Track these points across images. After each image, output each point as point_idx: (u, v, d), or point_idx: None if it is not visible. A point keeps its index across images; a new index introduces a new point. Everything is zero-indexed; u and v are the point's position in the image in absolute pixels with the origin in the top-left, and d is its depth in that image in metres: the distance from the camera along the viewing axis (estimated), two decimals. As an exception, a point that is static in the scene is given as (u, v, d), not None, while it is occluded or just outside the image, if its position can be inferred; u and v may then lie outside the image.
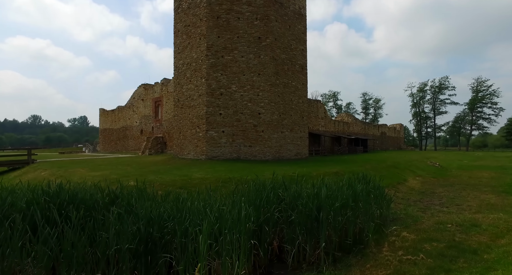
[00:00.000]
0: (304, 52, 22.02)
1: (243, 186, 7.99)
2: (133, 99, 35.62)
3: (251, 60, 19.12)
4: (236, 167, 15.22)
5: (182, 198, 6.71)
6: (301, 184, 8.36)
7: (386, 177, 17.18)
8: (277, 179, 8.97)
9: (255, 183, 8.02)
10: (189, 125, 20.30)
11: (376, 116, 79.61)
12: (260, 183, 7.77)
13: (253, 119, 19.07)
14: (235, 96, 19.05)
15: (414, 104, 75.20)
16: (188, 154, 20.31)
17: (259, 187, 7.37)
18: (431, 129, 75.84)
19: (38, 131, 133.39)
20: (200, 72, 19.53)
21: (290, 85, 20.75)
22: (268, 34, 19.21)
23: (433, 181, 19.10)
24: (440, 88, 72.88)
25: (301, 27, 21.82)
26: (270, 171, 14.21)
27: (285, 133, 20.18)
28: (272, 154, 19.19)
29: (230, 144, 18.96)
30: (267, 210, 6.38)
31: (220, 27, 19.09)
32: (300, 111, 21.54)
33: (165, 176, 12.39)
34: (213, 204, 5.90)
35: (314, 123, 29.97)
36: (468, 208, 11.18)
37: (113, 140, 39.04)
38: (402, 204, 12.26)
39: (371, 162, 21.48)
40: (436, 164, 27.22)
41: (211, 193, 7.53)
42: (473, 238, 7.50)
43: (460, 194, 14.60)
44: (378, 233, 8.21)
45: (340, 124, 35.12)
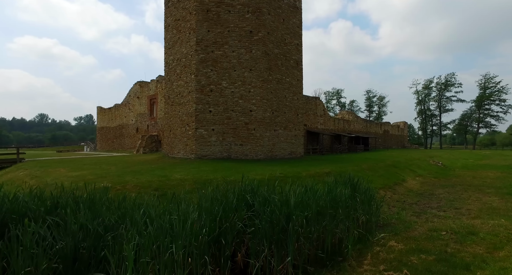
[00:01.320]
0: (299, 47, 21.14)
1: (207, 189, 7.21)
2: (129, 97, 35.08)
3: (242, 55, 18.32)
4: (223, 167, 14.48)
5: (137, 203, 5.96)
6: (279, 186, 7.57)
7: (383, 177, 16.33)
8: (263, 180, 8.18)
9: (221, 186, 7.24)
10: (179, 123, 19.61)
11: (380, 114, 78.20)
12: (229, 187, 6.99)
13: (245, 117, 18.29)
14: (225, 92, 18.28)
15: (419, 102, 73.61)
16: (178, 153, 19.63)
17: (225, 192, 6.60)
18: (437, 127, 74.21)
19: (45, 130, 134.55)
20: (189, 68, 18.79)
21: (284, 81, 19.90)
22: (260, 27, 18.38)
23: (434, 182, 18.16)
24: (446, 85, 71.17)
25: (296, 21, 20.93)
26: (257, 171, 13.47)
27: (278, 131, 19.36)
28: (264, 153, 18.40)
29: (221, 142, 18.22)
30: (229, 218, 5.61)
31: (210, 21, 18.31)
32: (295, 108, 20.69)
33: (143, 176, 11.70)
34: (162, 212, 5.15)
35: (313, 120, 29.07)
36: (467, 213, 10.31)
37: (110, 138, 38.60)
38: (396, 208, 11.45)
39: (370, 161, 20.58)
40: (439, 164, 26.18)
41: (175, 196, 6.79)
42: (468, 249, 6.66)
43: (461, 196, 13.68)
44: (363, 242, 7.42)
45: (341, 122, 34.13)
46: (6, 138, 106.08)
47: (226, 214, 5.52)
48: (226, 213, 5.52)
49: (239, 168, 14.41)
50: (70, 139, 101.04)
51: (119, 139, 36.67)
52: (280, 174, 12.82)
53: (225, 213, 5.50)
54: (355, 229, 7.60)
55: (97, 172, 12.91)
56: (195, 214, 5.03)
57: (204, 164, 15.55)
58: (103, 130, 40.81)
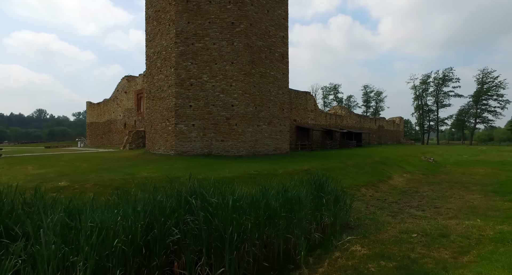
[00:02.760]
0: (285, 39, 20.43)
1: (152, 190, 6.61)
2: (117, 91, 34.40)
3: (223, 47, 17.64)
4: (198, 164, 13.92)
5: (72, 206, 5.37)
6: (239, 186, 6.98)
7: (367, 175, 15.76)
8: (233, 178, 7.61)
9: (175, 187, 6.65)
10: (160, 118, 19.00)
11: (377, 109, 77.46)
12: (182, 187, 6.40)
13: (226, 112, 17.68)
14: (206, 86, 17.64)
15: (416, 97, 72.83)
16: (159, 149, 19.06)
17: (170, 193, 6.02)
18: (434, 123, 73.52)
19: (43, 125, 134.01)
20: (169, 61, 18.13)
21: (268, 74, 19.23)
22: (242, 19, 17.67)
23: (421, 179, 17.61)
24: (444, 80, 70.35)
25: (282, 12, 20.19)
26: (232, 169, 12.90)
27: (262, 126, 18.75)
28: (246, 149, 17.81)
29: (201, 138, 17.63)
30: (160, 224, 5.01)
31: (190, 12, 17.60)
32: (280, 103, 20.06)
33: (109, 174, 11.13)
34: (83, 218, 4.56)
35: (303, 116, 28.42)
36: (446, 212, 9.76)
37: (99, 134, 38.00)
38: (374, 207, 10.87)
39: (357, 157, 20.02)
40: (431, 160, 25.62)
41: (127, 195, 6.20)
42: (434, 254, 6.10)
43: (445, 193, 13.14)
44: (325, 246, 6.87)
45: (333, 117, 33.45)
46: (3, 134, 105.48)
47: (158, 219, 4.96)
48: (157, 218, 4.95)
49: (215, 165, 13.85)
50: (67, 135, 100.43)
51: (107, 135, 36.07)
52: (255, 172, 12.26)
53: (155, 218, 4.93)
54: (316, 233, 7.07)
55: (64, 170, 12.35)
56: (116, 220, 4.44)
57: (180, 161, 14.97)
58: (92, 126, 40.18)
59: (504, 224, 7.72)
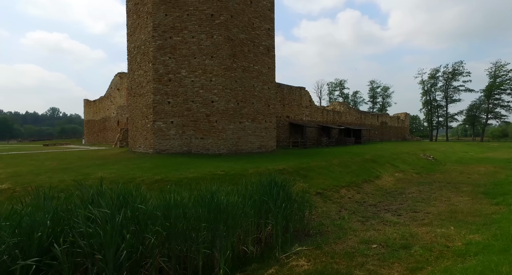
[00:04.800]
0: (270, 32, 19.44)
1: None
2: (110, 89, 34.04)
3: (202, 41, 16.81)
4: (167, 163, 13.18)
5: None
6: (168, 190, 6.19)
7: (352, 174, 14.74)
8: (194, 179, 6.85)
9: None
10: (140, 116, 18.36)
11: (384, 105, 75.37)
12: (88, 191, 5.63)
13: (206, 108, 16.89)
14: (185, 82, 16.87)
15: (424, 92, 70.33)
16: (139, 147, 18.44)
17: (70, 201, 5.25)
18: (443, 119, 70.97)
19: (56, 123, 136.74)
20: (147, 56, 17.42)
21: (252, 69, 18.32)
22: (222, 10, 16.78)
23: (413, 178, 16.49)
24: (453, 74, 67.66)
25: (267, 3, 19.19)
26: (200, 168, 12.08)
27: (244, 123, 17.89)
28: (227, 147, 17.00)
29: (180, 136, 16.90)
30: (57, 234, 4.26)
31: (167, 4, 16.81)
32: (265, 98, 19.13)
33: (64, 175, 10.50)
34: None
35: (297, 112, 27.36)
36: (422, 217, 8.77)
37: (95, 131, 37.82)
38: (348, 210, 9.95)
39: (347, 155, 18.95)
40: (430, 157, 24.28)
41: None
42: (382, 271, 5.20)
43: (432, 195, 12.08)
44: (267, 259, 6.04)
45: (330, 114, 32.24)
46: (17, 131, 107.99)
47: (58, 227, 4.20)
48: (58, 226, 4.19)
49: (185, 164, 13.09)
50: (78, 132, 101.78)
51: (103, 133, 35.83)
52: (221, 172, 11.44)
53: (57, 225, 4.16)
54: (253, 245, 6.22)
55: (23, 170, 11.80)
56: None
57: (151, 160, 14.26)
58: (89, 124, 40.06)
59: (478, 232, 6.72)
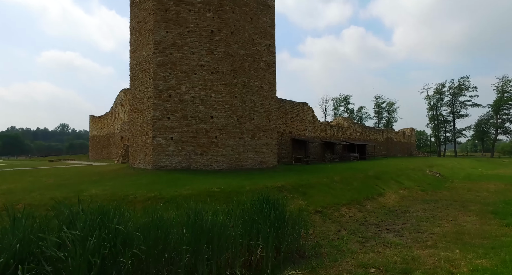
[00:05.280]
0: (271, 48, 19.54)
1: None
2: (115, 105, 34.41)
3: (203, 57, 16.91)
4: (164, 179, 12.91)
5: None
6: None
7: (354, 191, 14.25)
8: (189, 196, 6.58)
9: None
10: (140, 131, 18.31)
11: (390, 120, 74.74)
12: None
13: (205, 124, 16.77)
14: (185, 97, 16.86)
15: (431, 107, 69.73)
16: (139, 163, 18.28)
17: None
18: (451, 134, 69.91)
19: (64, 139, 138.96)
20: (148, 72, 17.55)
21: (252, 84, 18.29)
22: (222, 27, 16.96)
23: (418, 196, 15.88)
24: (459, 89, 67.16)
25: (267, 20, 19.39)
26: (196, 185, 11.78)
27: (245, 139, 17.67)
28: (227, 164, 16.73)
29: (179, 152, 16.72)
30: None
31: (168, 21, 17.08)
32: (266, 114, 18.98)
33: (57, 192, 10.29)
34: None
35: (299, 127, 27.12)
36: (426, 239, 8.26)
37: (99, 147, 37.99)
38: (348, 230, 9.47)
39: (349, 171, 18.47)
40: (437, 174, 23.59)
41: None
42: (379, 303, 4.75)
43: (437, 214, 11.50)
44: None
45: (334, 129, 31.90)
46: (28, 147, 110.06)
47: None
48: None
49: (181, 180, 12.80)
50: (85, 148, 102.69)
51: (106, 148, 35.95)
52: (217, 189, 11.12)
53: None
54: (239, 268, 5.82)
55: (17, 187, 11.66)
56: None
57: (148, 176, 14.04)
58: (94, 139, 40.33)
59: (485, 257, 6.23)
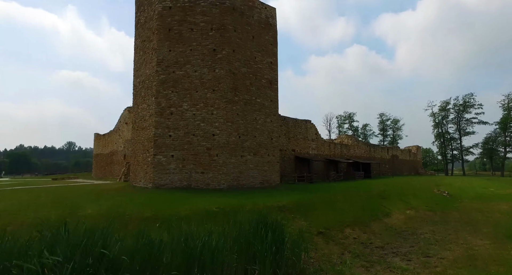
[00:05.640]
0: (273, 65, 19.63)
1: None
2: (119, 123, 34.61)
3: (205, 74, 16.99)
4: (162, 198, 12.61)
5: None
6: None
7: (358, 210, 13.73)
8: (187, 216, 6.25)
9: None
10: (141, 149, 18.18)
11: (395, 138, 74.02)
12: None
13: (207, 141, 16.60)
14: (186, 115, 16.81)
15: (436, 125, 69.08)
16: (140, 181, 18.01)
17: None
18: (458, 152, 68.74)
19: (71, 157, 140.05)
20: (151, 90, 17.64)
21: (254, 102, 18.23)
22: (224, 45, 17.13)
23: (426, 216, 15.27)
24: (465, 106, 66.69)
25: (269, 38, 19.61)
26: (194, 205, 11.43)
27: (246, 157, 17.41)
28: (228, 182, 16.39)
29: (180, 170, 16.48)
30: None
31: (171, 40, 17.32)
32: (268, 131, 18.79)
33: (52, 211, 10.03)
34: None
35: (303, 145, 26.83)
36: (436, 264, 7.76)
37: (103, 165, 37.92)
38: (352, 253, 9.01)
39: (354, 190, 17.97)
40: (445, 193, 22.87)
41: None
42: None
43: (447, 237, 10.95)
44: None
45: (338, 147, 31.53)
46: (35, 165, 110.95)
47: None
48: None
49: (180, 199, 12.48)
50: (91, 166, 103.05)
51: (110, 166, 35.84)
52: (216, 209, 10.77)
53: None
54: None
55: (13, 205, 11.42)
56: None
57: (148, 195, 13.75)
58: (98, 157, 40.35)
59: (501, 287, 5.73)
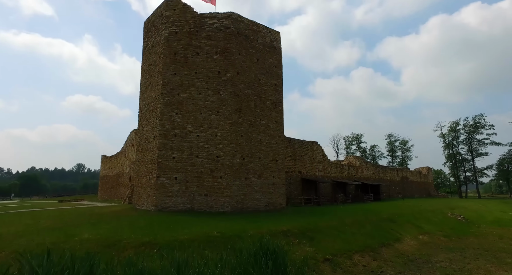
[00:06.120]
0: (278, 87, 19.68)
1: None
2: (126, 145, 34.80)
3: (209, 96, 17.07)
4: (162, 222, 12.21)
5: None
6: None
7: (367, 236, 13.06)
8: (184, 241, 5.96)
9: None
10: (145, 171, 18.01)
11: (404, 159, 72.56)
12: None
13: (210, 163, 16.37)
14: (190, 137, 16.72)
15: (446, 145, 67.69)
16: (142, 204, 17.70)
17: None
18: (471, 173, 66.69)
19: (79, 179, 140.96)
20: (155, 112, 17.73)
21: (259, 123, 18.12)
22: (229, 68, 17.31)
23: (441, 242, 14.44)
24: (475, 127, 65.51)
25: (274, 61, 19.80)
26: (194, 229, 11.00)
27: (251, 179, 17.05)
28: (232, 205, 15.95)
29: (183, 192, 16.16)
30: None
31: (177, 63, 17.60)
32: (273, 153, 18.51)
33: (47, 237, 9.73)
34: None
35: (309, 167, 26.33)
36: (454, 298, 7.08)
37: (109, 187, 37.77)
38: (360, 284, 8.35)
39: (363, 213, 17.25)
40: (460, 217, 21.80)
41: None
42: None
43: (466, 266, 10.21)
44: None
45: (345, 168, 30.86)
46: (44, 187, 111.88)
47: None
48: None
49: (180, 223, 12.05)
50: (98, 188, 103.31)
51: (115, 188, 35.65)
52: (217, 234, 10.32)
53: None
54: None
55: (10, 230, 11.15)
56: None
57: (149, 218, 13.36)
58: (104, 179, 40.32)
59: None
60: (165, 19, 18.20)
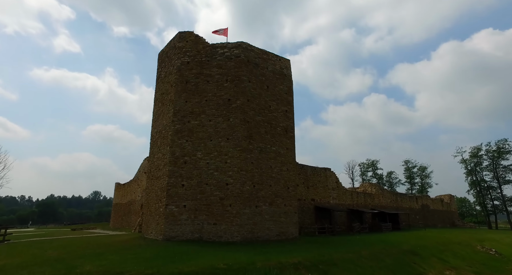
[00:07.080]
0: (288, 114, 19.59)
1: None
2: (139, 172, 34.98)
3: (219, 123, 17.11)
4: (170, 253, 11.75)
5: None
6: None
7: (387, 270, 12.10)
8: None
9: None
10: (155, 199, 17.81)
11: (423, 186, 69.56)
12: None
13: (220, 191, 16.04)
14: (200, 164, 16.59)
15: (468, 172, 64.68)
16: (151, 233, 17.31)
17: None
18: (500, 202, 62.78)
19: (95, 206, 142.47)
20: (166, 140, 17.84)
21: (269, 150, 17.86)
22: (239, 95, 17.46)
23: (469, 279, 13.15)
24: (499, 152, 62.70)
25: (284, 87, 19.90)
26: (201, 261, 10.48)
27: (261, 207, 16.51)
28: (242, 234, 15.35)
29: (192, 221, 15.75)
30: None
31: (188, 92, 17.94)
32: (284, 180, 18.03)
33: (49, 269, 9.48)
34: None
35: (323, 194, 25.45)
36: None
37: (121, 215, 37.55)
38: None
39: (381, 244, 16.17)
40: (492, 251, 20.04)
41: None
42: None
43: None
44: None
45: (361, 196, 29.66)
46: (61, 215, 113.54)
47: None
48: None
49: (187, 255, 11.56)
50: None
51: (127, 216, 35.39)
52: (224, 266, 9.76)
53: None
54: None
55: (14, 262, 11.08)
56: None
57: (155, 248, 12.91)
58: (116, 207, 40.25)
59: None
60: (178, 50, 18.86)
